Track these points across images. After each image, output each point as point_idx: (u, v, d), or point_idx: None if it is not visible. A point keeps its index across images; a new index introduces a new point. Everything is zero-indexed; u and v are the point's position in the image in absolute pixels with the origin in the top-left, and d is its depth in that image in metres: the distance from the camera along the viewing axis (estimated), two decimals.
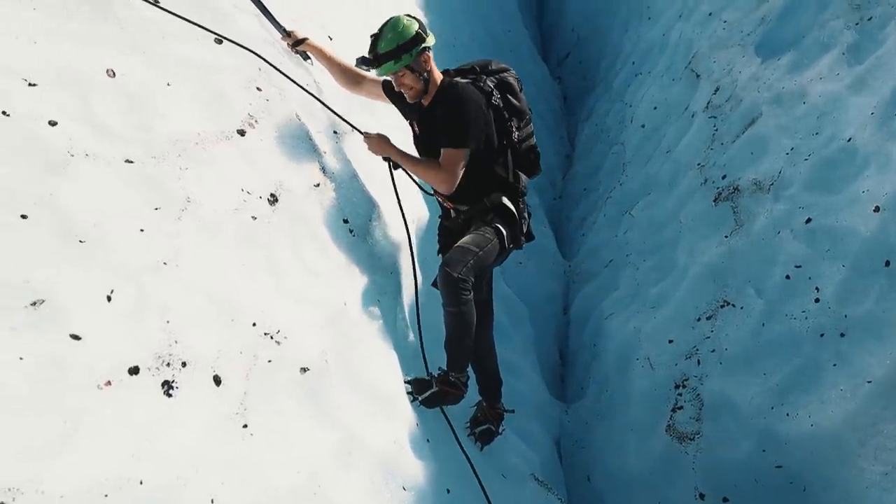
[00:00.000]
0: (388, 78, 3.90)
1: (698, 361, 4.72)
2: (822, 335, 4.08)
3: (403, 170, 4.09)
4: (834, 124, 4.79)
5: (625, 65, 9.03)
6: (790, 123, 5.18)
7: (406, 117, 4.14)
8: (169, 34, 3.52)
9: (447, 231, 4.21)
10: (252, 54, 3.85)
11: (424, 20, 6.93)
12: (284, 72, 3.97)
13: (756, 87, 5.82)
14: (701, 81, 6.79)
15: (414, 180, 4.37)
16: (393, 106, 4.20)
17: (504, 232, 3.90)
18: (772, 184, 4.99)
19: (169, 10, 3.59)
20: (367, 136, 4.02)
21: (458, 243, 3.81)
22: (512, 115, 3.99)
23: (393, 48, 3.67)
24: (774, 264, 4.58)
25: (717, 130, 6.06)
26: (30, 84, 2.83)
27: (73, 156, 2.76)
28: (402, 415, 3.54)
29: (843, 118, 4.74)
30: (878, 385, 3.68)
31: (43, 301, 2.34)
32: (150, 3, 3.57)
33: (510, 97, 3.99)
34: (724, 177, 5.57)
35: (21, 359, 2.18)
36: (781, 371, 4.19)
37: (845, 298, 4.07)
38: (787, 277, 4.44)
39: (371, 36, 3.78)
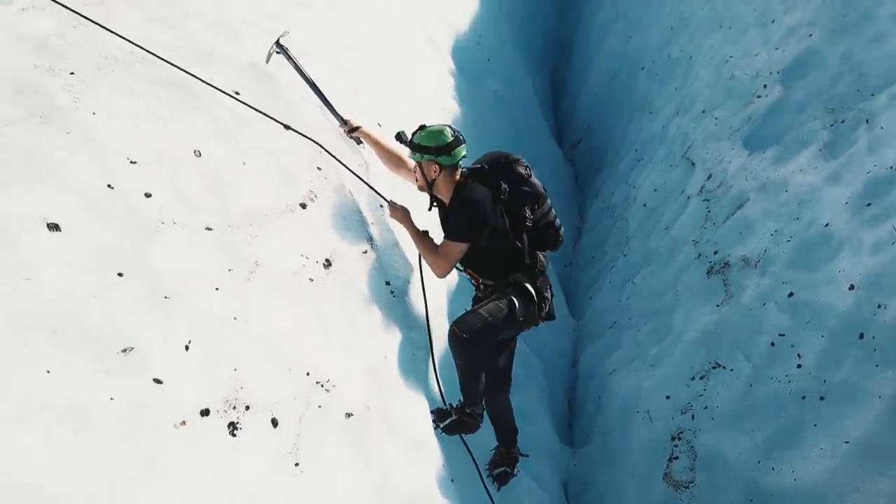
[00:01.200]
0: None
1: (692, 416, 4.65)
2: (803, 398, 4.01)
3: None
4: (812, 211, 4.78)
5: (629, 152, 9.09)
6: (774, 209, 5.18)
7: (432, 202, 4.07)
8: (246, 121, 3.64)
9: (477, 300, 4.15)
10: (316, 133, 3.96)
11: (458, 111, 7.07)
12: (338, 157, 4.05)
13: (744, 175, 5.84)
14: (696, 169, 6.82)
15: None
16: None
17: (517, 304, 3.82)
18: (758, 261, 4.97)
19: (247, 103, 3.71)
20: (392, 205, 4.04)
21: (475, 308, 3.84)
22: (525, 201, 3.92)
23: (417, 144, 3.79)
24: (761, 332, 4.53)
25: (709, 212, 6.06)
26: (131, 162, 2.93)
27: (163, 223, 2.84)
28: (432, 457, 3.52)
29: (820, 206, 4.74)
30: (855, 445, 3.59)
31: (132, 348, 2.38)
32: (231, 95, 3.69)
33: (521, 186, 3.92)
34: (715, 252, 5.56)
35: (112, 399, 2.21)
36: (767, 429, 4.10)
37: (824, 365, 4.00)
38: (772, 344, 4.38)
39: (419, 125, 3.88)
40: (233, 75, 3.91)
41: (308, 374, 2.94)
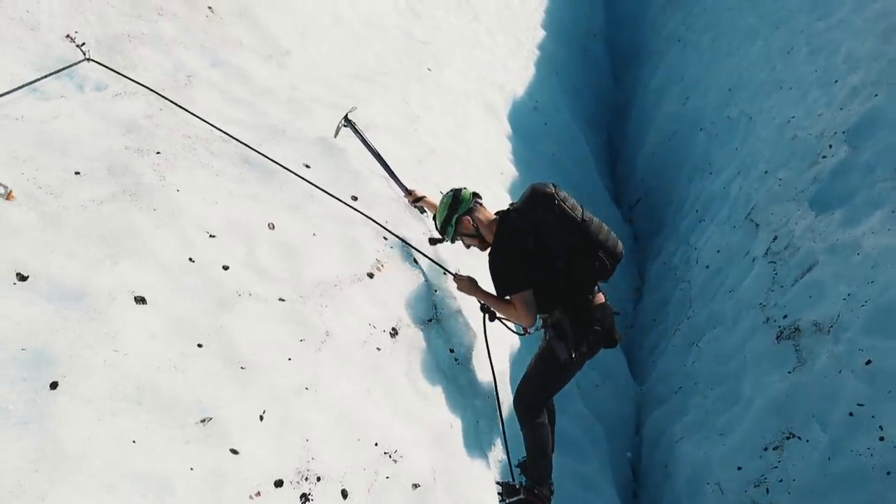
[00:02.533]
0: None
1: (767, 490, 4.47)
2: (888, 473, 3.83)
3: (501, 321, 4.05)
4: (888, 274, 4.65)
5: (689, 212, 9.01)
6: (846, 272, 5.05)
7: None
8: (317, 194, 3.77)
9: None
10: (382, 204, 4.07)
11: (516, 174, 7.17)
12: (402, 231, 4.14)
13: (812, 237, 5.72)
14: (760, 230, 6.71)
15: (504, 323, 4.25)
16: None
17: (557, 350, 3.78)
18: (831, 326, 4.83)
19: (313, 182, 3.81)
20: (457, 277, 3.99)
21: (526, 371, 3.96)
22: (561, 234, 3.69)
23: (442, 222, 3.91)
24: (837, 401, 4.37)
25: (776, 274, 5.94)
26: (210, 236, 3.07)
27: (239, 295, 2.95)
28: None
29: (895, 270, 4.61)
30: None
31: (210, 419, 2.46)
32: (299, 175, 3.81)
33: (548, 218, 3.69)
34: (785, 317, 5.42)
35: (192, 469, 2.28)
36: None
37: None
38: (851, 415, 4.22)
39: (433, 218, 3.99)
40: (304, 150, 4.08)
41: (376, 444, 2.97)
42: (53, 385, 2.22)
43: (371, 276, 3.61)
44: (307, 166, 3.91)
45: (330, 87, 5.15)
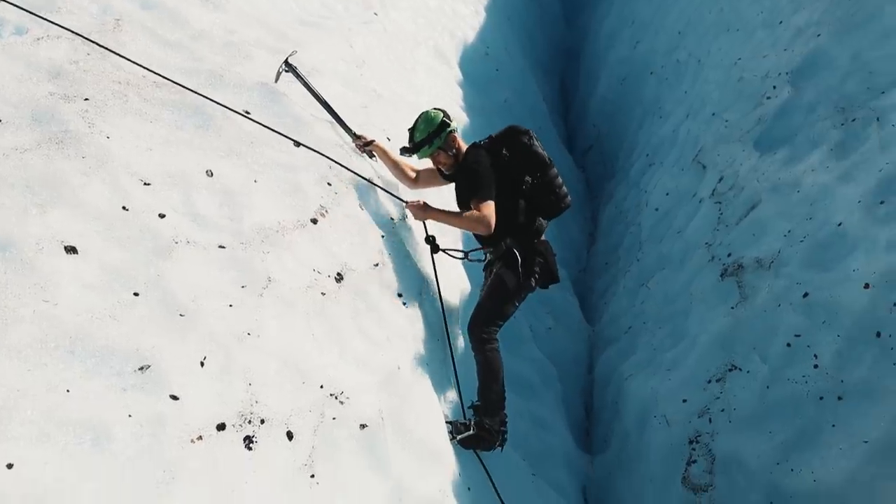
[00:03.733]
0: (428, 159, 4.27)
1: (710, 420, 4.63)
2: (821, 398, 3.98)
3: (445, 251, 4.25)
4: (825, 210, 4.76)
5: (640, 156, 9.07)
6: (787, 209, 5.15)
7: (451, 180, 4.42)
8: (257, 140, 3.69)
9: (488, 265, 4.37)
10: (326, 149, 4.00)
11: (467, 121, 7.11)
12: (351, 167, 4.10)
13: (756, 177, 5.82)
14: (707, 172, 6.80)
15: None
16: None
17: (506, 277, 4.07)
18: (772, 262, 4.95)
19: (258, 121, 3.76)
20: (408, 204, 4.23)
21: (477, 302, 4.18)
22: (524, 170, 4.18)
23: (424, 137, 4.13)
24: (776, 334, 4.50)
25: (722, 214, 6.04)
26: (145, 184, 2.99)
27: (176, 243, 2.89)
28: (447, 466, 3.53)
29: (833, 205, 4.72)
30: (875, 445, 3.57)
31: (149, 366, 2.43)
32: (243, 115, 3.74)
33: (522, 154, 4.19)
34: (729, 255, 5.54)
35: (130, 416, 2.25)
36: (785, 431, 4.07)
37: (841, 365, 3.98)
38: (788, 345, 4.36)
39: (408, 130, 4.21)
40: (244, 96, 3.97)
41: (322, 386, 2.97)
42: None
43: (315, 221, 3.57)
44: (247, 112, 3.81)
45: (270, 30, 4.99)
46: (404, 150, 4.28)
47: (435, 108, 4.25)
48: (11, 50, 3.25)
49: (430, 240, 4.17)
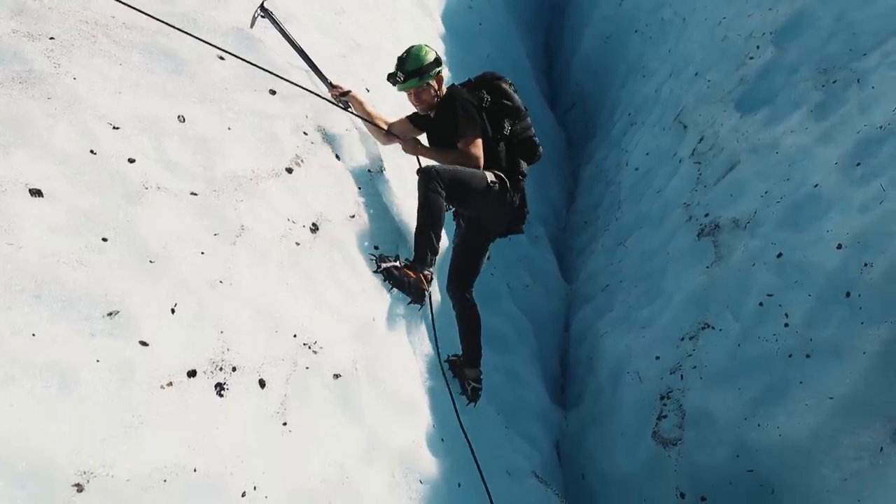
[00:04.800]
0: (406, 94, 4.23)
1: (681, 376, 4.70)
2: (790, 356, 4.05)
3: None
4: (802, 172, 4.78)
5: (622, 116, 9.04)
6: (765, 170, 5.17)
7: (425, 129, 4.39)
8: (231, 86, 3.60)
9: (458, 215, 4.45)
10: (303, 98, 3.92)
11: (449, 75, 6.97)
12: (328, 98, 4.03)
13: (735, 137, 5.82)
14: (688, 132, 6.79)
15: None
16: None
17: (487, 176, 4.01)
18: (748, 222, 4.98)
19: (234, 54, 3.64)
20: (402, 140, 4.26)
21: (453, 258, 4.32)
22: (504, 115, 4.19)
23: (417, 68, 4.06)
24: (749, 293, 4.56)
25: (700, 174, 6.06)
26: (114, 128, 2.91)
27: (147, 188, 2.83)
28: (421, 417, 3.55)
29: (810, 167, 4.74)
30: (839, 401, 3.65)
31: (118, 312, 2.39)
32: (218, 55, 3.64)
33: (503, 100, 4.21)
34: (706, 215, 5.57)
35: (98, 361, 2.23)
36: (755, 387, 4.15)
37: (811, 324, 4.04)
38: (761, 304, 4.41)
39: (398, 57, 4.14)
40: (218, 40, 3.85)
41: (295, 336, 2.95)
42: None
43: (290, 171, 3.51)
44: (221, 59, 3.71)
45: None
46: (391, 77, 4.19)
47: (426, 45, 4.20)
48: None
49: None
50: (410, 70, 4.08)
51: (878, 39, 5.02)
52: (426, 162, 4.14)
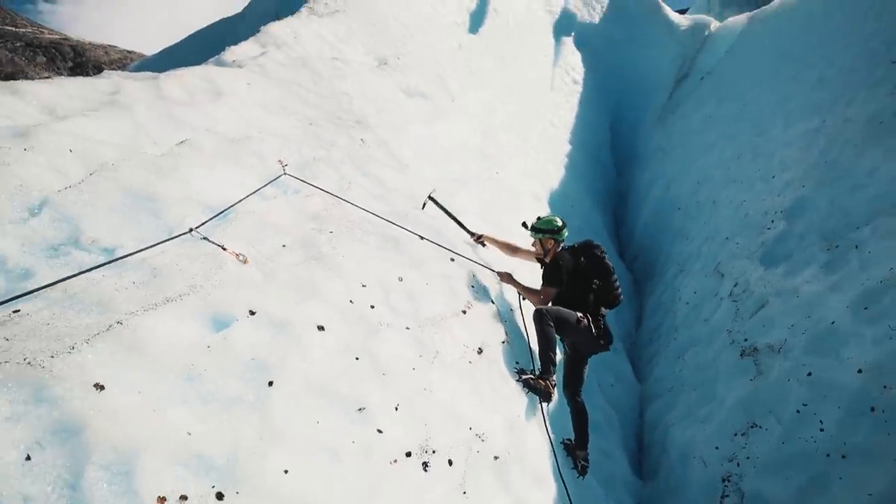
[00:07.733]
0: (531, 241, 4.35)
1: (738, 464, 4.15)
2: (828, 455, 3.50)
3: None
4: (820, 311, 4.32)
5: (672, 265, 8.63)
6: (789, 309, 4.72)
7: (542, 264, 4.38)
8: (428, 258, 3.81)
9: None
10: (470, 264, 4.08)
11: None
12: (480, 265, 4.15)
13: (762, 284, 5.40)
14: (724, 278, 6.37)
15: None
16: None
17: (577, 315, 3.87)
18: (780, 347, 4.51)
19: (429, 239, 3.89)
20: (500, 274, 4.27)
21: (565, 369, 4.12)
22: (596, 272, 4.07)
23: (538, 228, 4.21)
24: (788, 401, 4.04)
25: (738, 310, 5.60)
26: (362, 286, 3.14)
27: (381, 325, 3.00)
28: (552, 488, 3.32)
29: (826, 308, 4.28)
30: (877, 497, 3.08)
31: (365, 408, 2.49)
32: (419, 237, 3.90)
33: (595, 262, 4.11)
34: (745, 340, 5.09)
35: (353, 442, 2.30)
36: (801, 477, 3.58)
37: (843, 431, 3.51)
38: (798, 412, 3.89)
39: (538, 216, 4.33)
40: (420, 228, 4.17)
41: (470, 428, 2.93)
42: (270, 383, 2.30)
43: (464, 312, 3.62)
44: (422, 237, 3.99)
45: (432, 185, 5.26)
46: (524, 224, 4.36)
47: (560, 219, 4.31)
48: (291, 203, 3.58)
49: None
50: (537, 227, 4.25)
51: (867, 218, 4.62)
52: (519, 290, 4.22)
